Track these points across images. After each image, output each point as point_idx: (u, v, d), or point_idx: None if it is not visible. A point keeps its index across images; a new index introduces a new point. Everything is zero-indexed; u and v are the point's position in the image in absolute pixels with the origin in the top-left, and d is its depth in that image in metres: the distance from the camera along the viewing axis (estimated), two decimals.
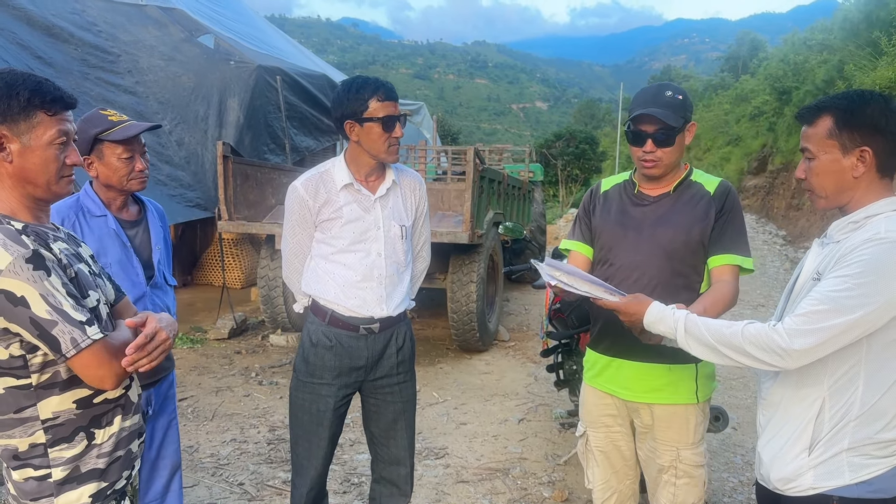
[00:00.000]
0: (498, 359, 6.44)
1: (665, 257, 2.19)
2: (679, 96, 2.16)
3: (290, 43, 12.54)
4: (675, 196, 2.24)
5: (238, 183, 6.04)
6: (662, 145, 2.14)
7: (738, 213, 2.22)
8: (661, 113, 2.12)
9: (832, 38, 17.53)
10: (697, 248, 2.18)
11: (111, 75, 7.24)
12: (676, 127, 2.12)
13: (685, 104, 2.16)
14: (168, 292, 2.59)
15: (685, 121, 2.16)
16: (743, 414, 4.96)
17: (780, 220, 16.37)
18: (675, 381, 2.22)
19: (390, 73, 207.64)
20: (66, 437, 1.53)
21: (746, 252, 2.20)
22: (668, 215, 2.22)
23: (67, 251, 1.56)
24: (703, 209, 2.19)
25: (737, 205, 2.22)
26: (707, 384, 2.27)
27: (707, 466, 2.29)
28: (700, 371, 2.23)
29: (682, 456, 2.23)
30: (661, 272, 2.19)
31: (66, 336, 1.41)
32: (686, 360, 2.13)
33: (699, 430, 2.26)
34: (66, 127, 1.53)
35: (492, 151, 10.98)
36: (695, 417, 2.24)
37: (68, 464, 1.53)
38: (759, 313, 8.27)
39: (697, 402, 2.23)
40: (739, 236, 2.20)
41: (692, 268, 2.21)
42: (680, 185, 2.25)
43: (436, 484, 3.83)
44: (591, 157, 31.80)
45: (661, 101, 2.15)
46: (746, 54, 42.88)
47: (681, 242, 2.17)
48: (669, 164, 2.19)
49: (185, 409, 4.90)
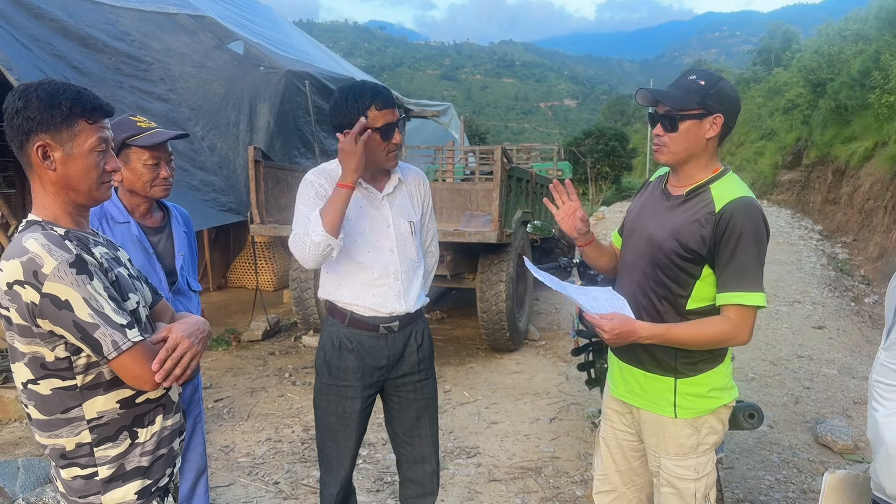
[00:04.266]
0: (528, 358, 6.43)
1: (651, 263, 2.08)
2: (702, 81, 1.97)
3: (317, 47, 12.64)
4: (685, 200, 2.06)
5: (269, 187, 6.12)
6: (669, 129, 2.00)
7: (745, 241, 1.92)
8: (669, 94, 2.00)
9: (867, 27, 17.15)
10: (682, 262, 2.01)
11: (144, 83, 7.38)
12: (683, 111, 1.97)
13: (705, 90, 1.96)
14: (192, 298, 2.62)
15: (702, 108, 1.96)
16: (779, 412, 4.89)
17: (815, 214, 16.03)
18: (651, 390, 2.14)
19: (417, 75, 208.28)
20: (111, 437, 1.57)
21: (752, 286, 1.92)
22: (666, 220, 2.07)
23: (108, 255, 1.60)
24: (699, 225, 1.97)
25: (744, 231, 1.92)
26: (694, 402, 2.08)
27: (706, 480, 2.12)
28: (682, 387, 2.08)
29: (663, 465, 2.15)
30: (646, 277, 2.10)
31: (108, 339, 1.45)
32: (663, 371, 2.10)
33: (684, 445, 2.10)
34: (105, 134, 1.58)
35: (520, 150, 10.95)
36: (675, 431, 2.10)
37: (113, 462, 1.58)
38: (795, 310, 8.13)
39: (675, 417, 2.09)
40: (742, 268, 1.92)
41: (675, 282, 2.03)
42: (694, 191, 2.05)
43: (468, 483, 3.84)
44: (621, 154, 31.53)
45: (680, 83, 2.02)
46: (779, 47, 42.01)
47: (665, 252, 2.03)
48: (678, 154, 2.02)
49: (220, 410, 4.98)
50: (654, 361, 2.11)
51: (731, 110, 2.00)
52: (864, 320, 7.68)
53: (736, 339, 1.96)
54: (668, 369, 2.09)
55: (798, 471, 3.99)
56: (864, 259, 10.86)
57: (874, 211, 11.68)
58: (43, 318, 1.43)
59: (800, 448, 4.31)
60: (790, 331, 7.20)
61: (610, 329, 1.93)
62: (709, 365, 2.07)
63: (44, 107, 1.48)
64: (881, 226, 10.97)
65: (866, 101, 12.78)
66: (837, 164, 15.12)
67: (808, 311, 8.10)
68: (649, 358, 2.12)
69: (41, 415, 1.53)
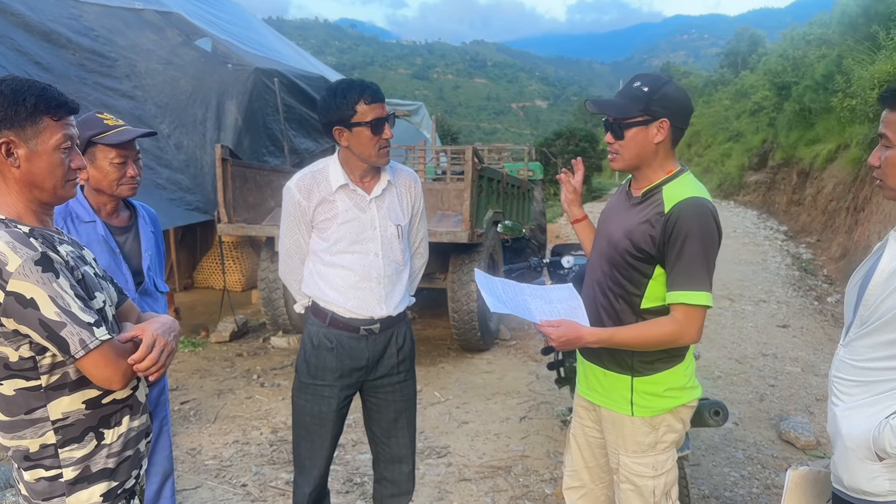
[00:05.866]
0: (499, 357, 6.45)
1: (609, 262, 2.12)
2: (645, 87, 1.99)
3: (287, 45, 12.53)
4: (640, 202, 2.08)
5: (237, 185, 6.05)
6: (617, 137, 2.04)
7: (691, 241, 1.92)
8: (613, 103, 2.04)
9: (831, 32, 17.48)
10: (635, 262, 2.04)
11: (109, 80, 7.25)
12: (628, 119, 2.00)
13: (649, 97, 1.97)
14: (159, 299, 2.58)
15: (647, 114, 1.98)
16: (744, 409, 4.97)
17: (781, 215, 16.35)
18: (609, 388, 2.17)
19: (389, 74, 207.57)
20: (76, 438, 1.55)
21: (698, 285, 1.93)
22: (623, 221, 2.10)
23: (73, 254, 1.58)
24: (650, 226, 1.99)
25: (690, 231, 1.92)
26: (651, 401, 2.10)
27: (664, 478, 2.15)
28: (638, 386, 2.10)
29: (622, 462, 2.17)
30: (605, 276, 2.14)
31: (75, 337, 1.43)
32: (621, 369, 2.13)
33: (642, 443, 2.13)
34: (70, 131, 1.55)
35: (491, 150, 10.99)
36: (632, 429, 2.13)
37: (79, 464, 1.55)
38: (761, 309, 8.28)
39: (632, 416, 2.11)
40: (689, 267, 1.93)
41: (630, 281, 2.07)
42: (649, 192, 2.07)
43: (438, 482, 3.84)
44: (591, 155, 31.77)
45: (625, 91, 2.05)
46: (746, 50, 42.74)
47: (620, 251, 2.06)
48: (630, 160, 2.05)
49: (187, 412, 4.91)
50: (613, 360, 2.14)
51: (678, 113, 2.01)
52: (827, 319, 7.86)
53: (683, 338, 1.99)
54: (625, 367, 2.12)
55: (762, 467, 4.06)
56: (827, 259, 11.10)
57: (837, 212, 11.95)
58: (7, 316, 1.40)
59: (764, 444, 4.38)
60: (755, 329, 7.33)
61: (556, 336, 1.97)
62: (666, 364, 2.09)
63: (7, 103, 1.46)
64: (843, 226, 11.23)
65: (829, 105, 13.05)
66: (802, 165, 15.45)
67: (773, 309, 8.25)
68: (609, 356, 2.15)
69: (4, 416, 1.50)
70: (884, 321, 1.57)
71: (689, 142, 34.77)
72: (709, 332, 7.07)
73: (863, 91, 10.37)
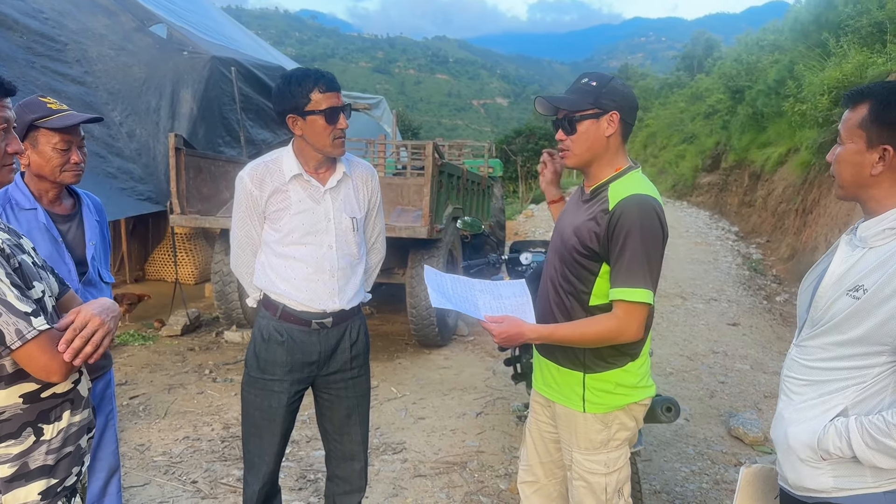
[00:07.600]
0: (457, 353, 6.45)
1: (560, 259, 2.14)
2: (593, 82, 2.03)
3: (246, 34, 12.32)
4: (589, 199, 2.11)
5: (191, 176, 5.92)
6: (569, 132, 2.06)
7: (632, 238, 1.93)
8: (564, 98, 2.07)
9: (783, 38, 17.97)
10: (582, 259, 2.06)
11: (58, 64, 7.00)
12: (579, 112, 2.02)
13: (598, 90, 2.01)
14: (104, 290, 2.51)
15: (597, 107, 2.01)
16: (695, 405, 5.06)
17: (732, 216, 16.73)
18: (563, 384, 2.19)
19: (350, 67, 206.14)
20: (13, 433, 1.48)
21: (637, 282, 1.94)
22: (573, 219, 2.13)
23: (10, 241, 1.51)
24: (595, 223, 2.02)
25: (632, 228, 1.93)
26: (602, 398, 2.11)
27: (617, 475, 2.15)
28: (590, 382, 2.11)
29: (574, 459, 2.18)
30: (556, 273, 2.16)
31: (11, 327, 1.37)
32: (573, 365, 2.14)
33: (594, 440, 2.14)
34: (5, 114, 1.48)
35: (451, 147, 11.00)
36: (584, 426, 2.14)
37: (15, 460, 1.49)
38: (712, 307, 8.45)
39: (584, 412, 2.12)
40: (629, 264, 1.94)
41: (578, 278, 2.08)
42: (596, 189, 2.10)
43: (393, 479, 3.82)
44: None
45: (574, 87, 2.08)
46: (702, 53, 43.66)
47: (569, 248, 2.09)
48: (582, 156, 2.08)
49: (136, 407, 4.79)
50: (566, 356, 2.16)
51: (626, 107, 2.05)
52: (776, 318, 8.06)
53: (623, 335, 1.99)
54: (577, 364, 2.13)
55: (712, 462, 4.14)
56: (776, 259, 11.40)
57: (786, 214, 12.28)
58: None
59: (714, 440, 4.47)
60: (706, 327, 7.49)
61: (498, 332, 2.00)
62: (618, 361, 2.11)
63: None
64: (792, 228, 11.56)
65: (781, 109, 13.40)
66: (753, 168, 15.83)
67: (724, 308, 8.43)
68: (562, 352, 2.16)
69: None
70: (833, 323, 1.61)
71: (645, 143, 35.35)
72: (661, 329, 7.20)
73: (813, 96, 10.66)
